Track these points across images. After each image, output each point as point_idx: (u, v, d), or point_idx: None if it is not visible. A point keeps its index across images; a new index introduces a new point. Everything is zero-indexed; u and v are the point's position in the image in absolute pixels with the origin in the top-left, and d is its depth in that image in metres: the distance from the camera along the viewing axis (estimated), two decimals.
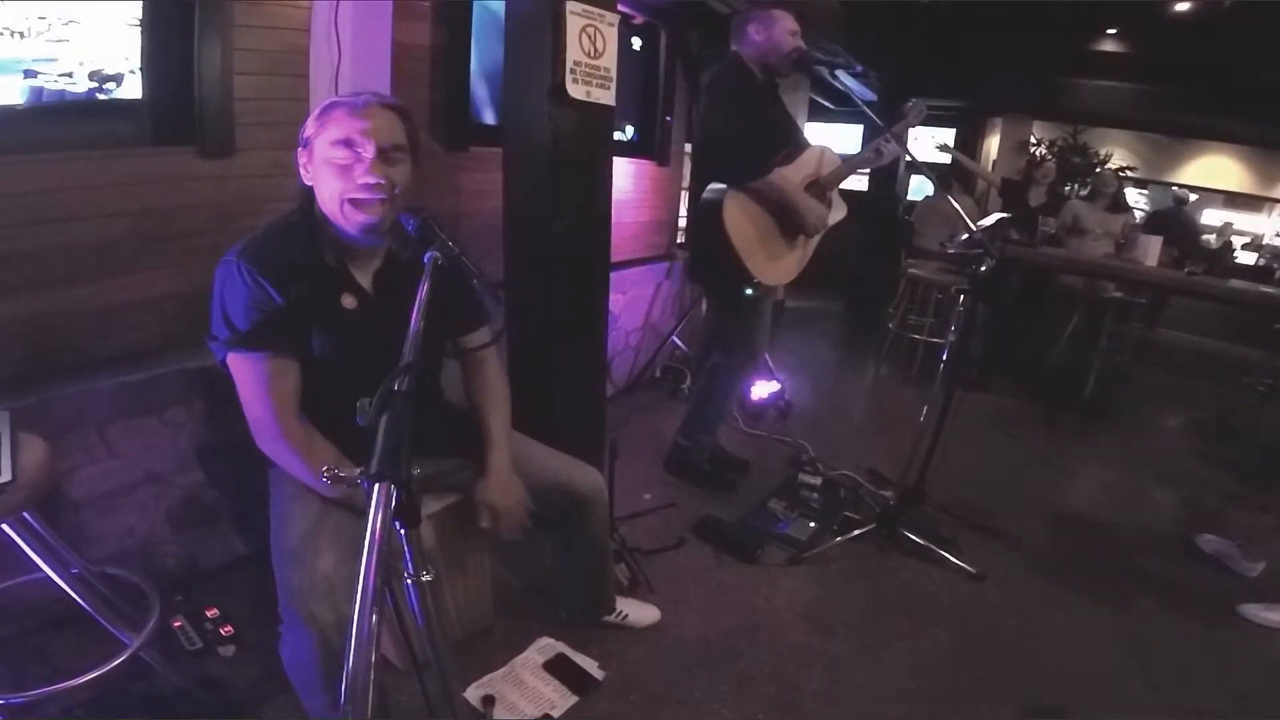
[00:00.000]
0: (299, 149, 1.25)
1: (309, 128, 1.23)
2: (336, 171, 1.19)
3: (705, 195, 2.33)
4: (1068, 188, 5.40)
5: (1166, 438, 4.03)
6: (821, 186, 2.41)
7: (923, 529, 2.34)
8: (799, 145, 2.41)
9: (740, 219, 2.28)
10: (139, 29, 1.67)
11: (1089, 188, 4.72)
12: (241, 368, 1.22)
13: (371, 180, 1.18)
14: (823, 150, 2.46)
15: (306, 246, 1.26)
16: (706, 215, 2.30)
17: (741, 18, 2.35)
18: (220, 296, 1.21)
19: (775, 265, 2.39)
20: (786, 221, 2.35)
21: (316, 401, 1.28)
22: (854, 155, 2.49)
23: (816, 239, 2.51)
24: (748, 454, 2.95)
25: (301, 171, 1.26)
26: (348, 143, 1.18)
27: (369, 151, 1.18)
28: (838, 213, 2.52)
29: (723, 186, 2.29)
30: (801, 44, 2.31)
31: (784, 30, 2.28)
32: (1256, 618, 2.24)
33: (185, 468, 1.83)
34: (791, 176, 2.33)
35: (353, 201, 1.19)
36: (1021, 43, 5.43)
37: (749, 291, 2.39)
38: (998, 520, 2.54)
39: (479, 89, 2.69)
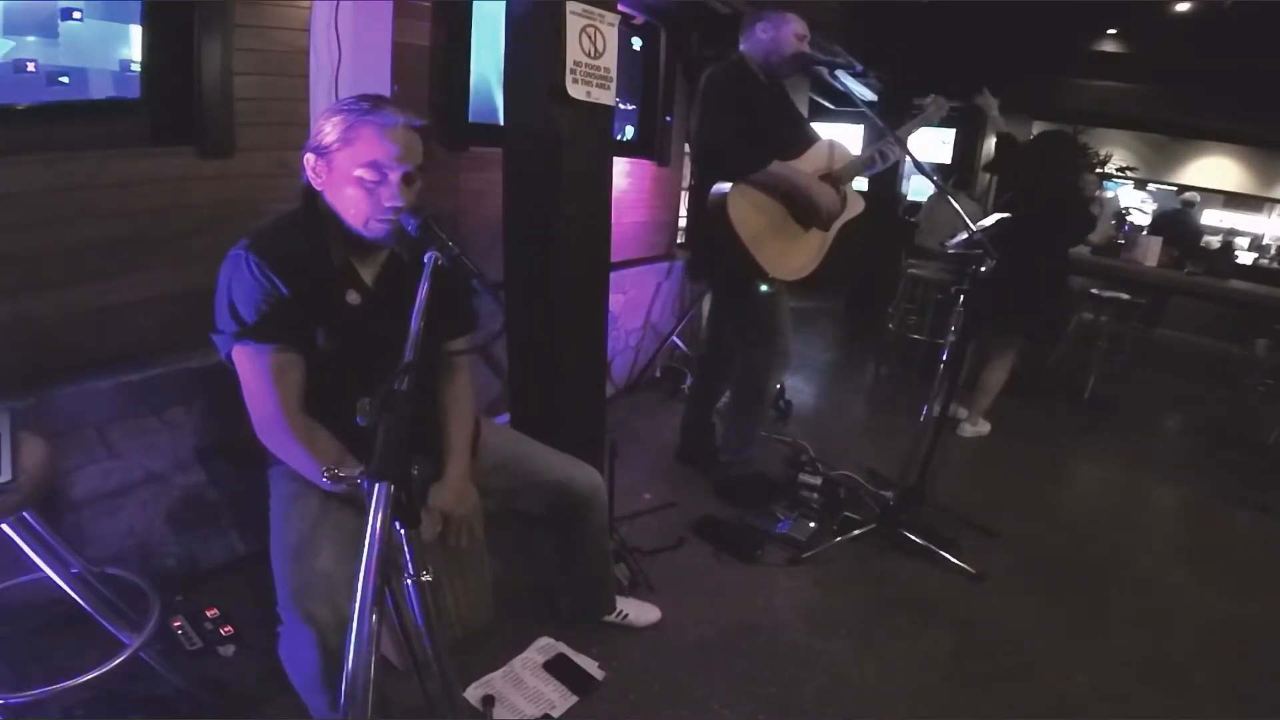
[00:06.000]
0: (311, 154, 1.22)
1: (330, 138, 1.20)
2: (363, 192, 1.20)
3: (712, 193, 2.29)
4: None
5: (1166, 438, 4.03)
6: (835, 179, 2.38)
7: (923, 529, 2.34)
8: (803, 141, 2.38)
9: (748, 212, 2.25)
10: (139, 29, 1.67)
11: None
12: (247, 361, 1.22)
13: (399, 204, 1.19)
14: (831, 144, 2.42)
15: (313, 243, 1.27)
16: (713, 213, 2.27)
17: (753, 16, 2.35)
18: (226, 289, 1.21)
19: (789, 258, 2.34)
20: (798, 210, 2.32)
21: (318, 398, 1.28)
22: (860, 154, 2.47)
23: (833, 231, 2.45)
24: None
25: (311, 175, 1.24)
26: (376, 166, 1.19)
27: (396, 176, 1.20)
28: (854, 208, 2.47)
29: (727, 186, 2.26)
30: (805, 48, 2.31)
31: (790, 33, 2.29)
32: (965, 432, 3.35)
33: (185, 468, 1.83)
34: (803, 168, 2.31)
35: (377, 220, 1.21)
36: (1021, 43, 5.43)
37: (764, 288, 2.35)
38: (998, 520, 2.54)
39: (479, 89, 2.69)
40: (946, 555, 2.26)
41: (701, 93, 2.32)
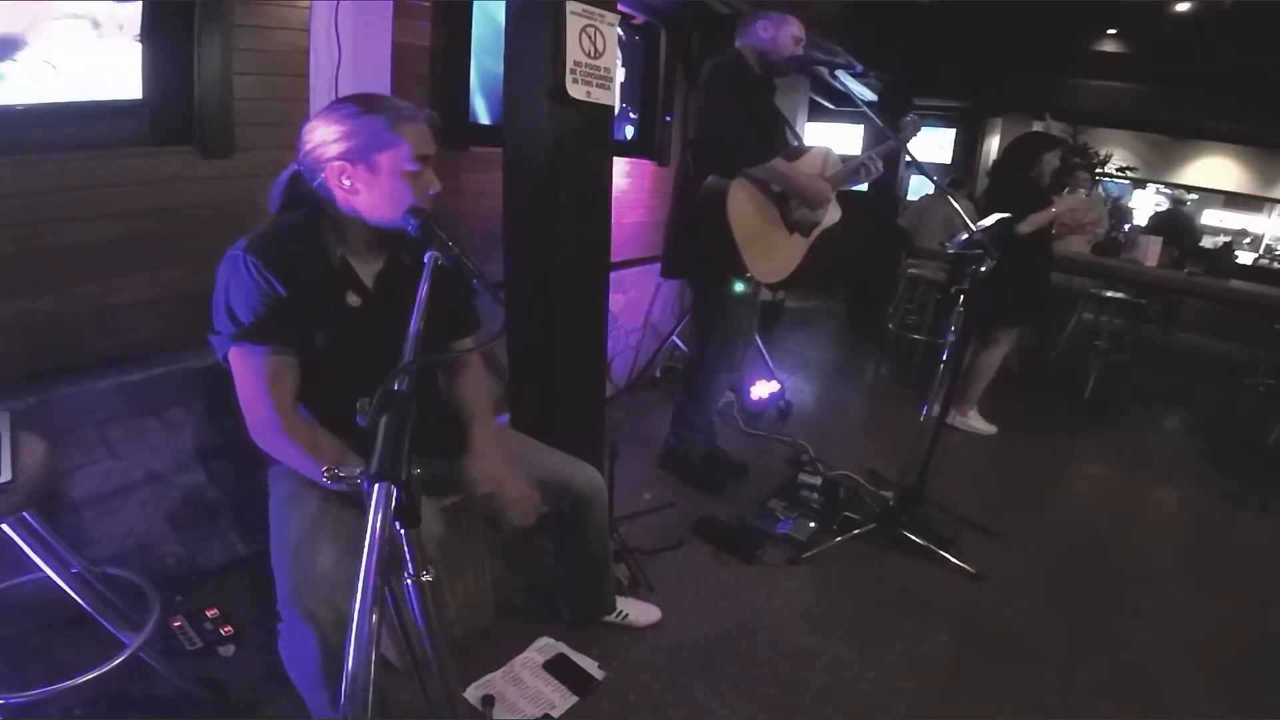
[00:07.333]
0: (341, 163, 1.19)
1: (366, 141, 1.18)
2: (408, 185, 1.22)
3: (710, 183, 2.29)
4: None
5: (1166, 438, 4.03)
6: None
7: (923, 529, 2.34)
8: (786, 145, 2.40)
9: (745, 209, 2.26)
10: (139, 29, 1.67)
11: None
12: (242, 362, 1.22)
13: (438, 188, 1.26)
14: (826, 151, 2.45)
15: (313, 244, 1.27)
16: (709, 203, 2.26)
17: (752, 14, 2.37)
18: (224, 290, 1.21)
19: (771, 260, 2.38)
20: (788, 212, 2.34)
21: (318, 399, 1.28)
22: (844, 166, 2.48)
23: (812, 238, 2.49)
24: (748, 454, 2.95)
25: (337, 182, 1.21)
26: (425, 158, 1.24)
27: (432, 163, 1.25)
28: (832, 216, 2.51)
29: (729, 180, 2.26)
30: (800, 51, 2.33)
31: (789, 33, 2.31)
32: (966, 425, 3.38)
33: (185, 468, 1.84)
34: (803, 169, 2.34)
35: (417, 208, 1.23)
36: (1021, 43, 5.43)
37: (739, 287, 2.37)
38: (998, 520, 2.54)
39: (479, 89, 2.69)
40: (946, 555, 2.26)
41: (708, 81, 2.32)
